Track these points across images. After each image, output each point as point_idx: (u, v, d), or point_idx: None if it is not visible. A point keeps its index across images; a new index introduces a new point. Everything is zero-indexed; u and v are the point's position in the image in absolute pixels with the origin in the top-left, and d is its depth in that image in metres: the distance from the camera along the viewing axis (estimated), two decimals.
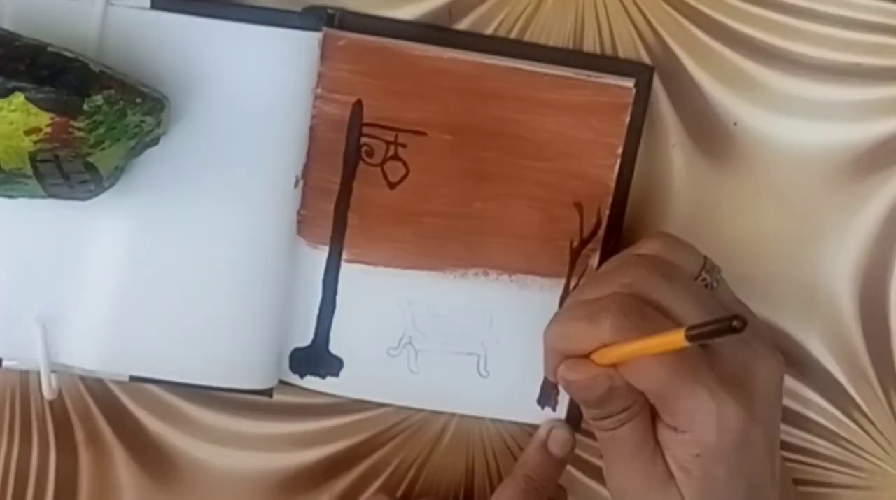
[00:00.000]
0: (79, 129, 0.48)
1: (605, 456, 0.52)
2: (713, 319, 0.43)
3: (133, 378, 0.57)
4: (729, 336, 0.43)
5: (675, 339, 0.45)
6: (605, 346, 0.48)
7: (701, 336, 0.44)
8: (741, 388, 0.49)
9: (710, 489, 0.49)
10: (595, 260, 0.57)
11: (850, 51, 0.57)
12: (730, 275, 0.54)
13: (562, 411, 0.59)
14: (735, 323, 0.42)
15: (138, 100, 0.50)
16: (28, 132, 0.48)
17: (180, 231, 0.55)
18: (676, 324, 0.48)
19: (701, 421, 0.48)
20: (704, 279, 0.52)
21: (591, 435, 0.60)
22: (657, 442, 0.50)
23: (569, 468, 0.60)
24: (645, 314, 0.48)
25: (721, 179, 0.57)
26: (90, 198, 0.52)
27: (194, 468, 0.60)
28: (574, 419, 0.59)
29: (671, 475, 0.50)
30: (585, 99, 0.56)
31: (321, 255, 0.57)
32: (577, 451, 0.60)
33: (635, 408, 0.49)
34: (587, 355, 0.49)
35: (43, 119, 0.48)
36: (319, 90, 0.55)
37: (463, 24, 0.56)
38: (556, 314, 0.53)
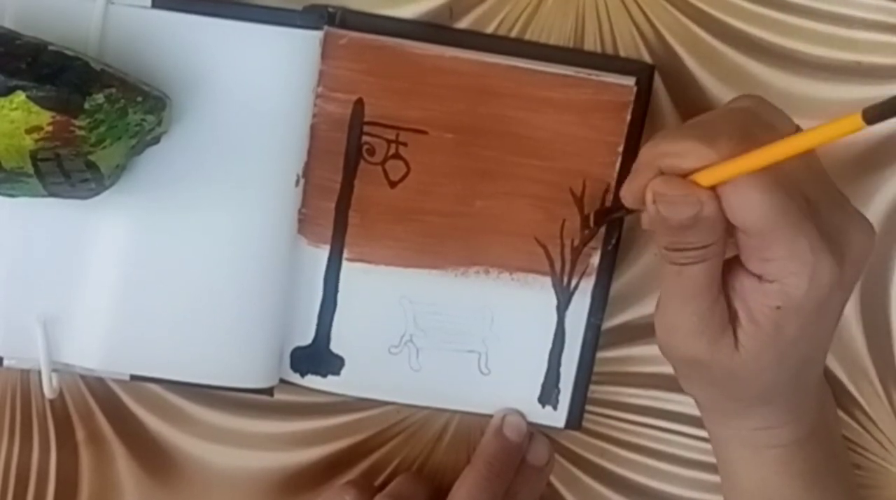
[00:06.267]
0: (80, 127, 0.48)
1: (664, 290, 0.50)
2: None
3: (134, 377, 0.57)
4: (829, 195, 0.40)
5: (850, 122, 0.40)
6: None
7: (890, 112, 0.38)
8: (836, 248, 0.47)
9: (773, 345, 0.48)
10: (596, 259, 0.57)
11: (851, 49, 0.57)
12: None
13: (562, 409, 0.59)
14: None
15: (139, 98, 0.50)
16: (29, 131, 0.48)
17: (181, 230, 0.55)
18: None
19: (794, 273, 0.46)
20: None
21: (591, 434, 0.60)
22: (720, 290, 0.48)
23: (569, 467, 0.61)
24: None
25: None
26: (91, 197, 0.52)
27: (195, 467, 0.60)
28: (574, 419, 0.59)
29: (728, 323, 0.48)
30: (586, 97, 0.56)
31: (322, 254, 0.57)
32: (577, 450, 0.61)
33: (713, 249, 0.47)
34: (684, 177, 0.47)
35: (44, 118, 0.48)
36: (320, 89, 0.55)
37: (464, 23, 0.56)
38: (660, 133, 0.50)
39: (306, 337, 0.58)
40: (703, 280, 0.48)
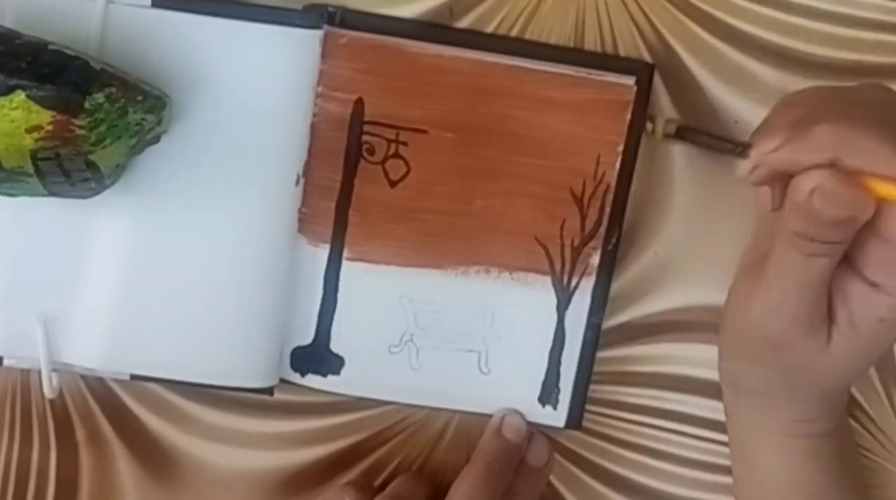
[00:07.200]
0: (80, 127, 0.48)
1: (779, 271, 0.48)
2: None
3: (134, 377, 0.57)
4: None
5: None
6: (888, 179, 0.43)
7: None
8: None
9: (864, 351, 0.48)
10: (596, 258, 0.57)
11: (851, 49, 0.57)
12: (732, 272, 0.54)
13: (563, 409, 0.59)
14: None
15: (139, 98, 0.50)
16: (29, 130, 0.48)
17: (181, 229, 0.55)
18: None
19: None
20: None
21: (592, 433, 0.60)
22: (828, 284, 0.47)
23: (569, 467, 0.61)
24: None
25: (723, 176, 0.57)
26: (91, 196, 0.52)
27: (195, 467, 0.60)
28: (574, 419, 0.59)
29: (825, 318, 0.48)
30: (586, 97, 0.56)
31: (322, 253, 0.57)
32: (578, 450, 0.61)
33: (842, 246, 0.46)
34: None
35: (44, 117, 0.48)
36: (321, 88, 0.55)
37: (464, 22, 0.56)
38: (846, 122, 0.45)
39: (306, 337, 0.58)
40: (821, 271, 0.47)
